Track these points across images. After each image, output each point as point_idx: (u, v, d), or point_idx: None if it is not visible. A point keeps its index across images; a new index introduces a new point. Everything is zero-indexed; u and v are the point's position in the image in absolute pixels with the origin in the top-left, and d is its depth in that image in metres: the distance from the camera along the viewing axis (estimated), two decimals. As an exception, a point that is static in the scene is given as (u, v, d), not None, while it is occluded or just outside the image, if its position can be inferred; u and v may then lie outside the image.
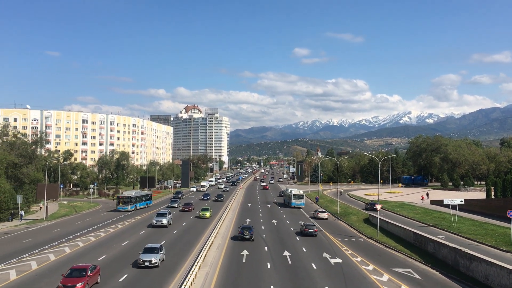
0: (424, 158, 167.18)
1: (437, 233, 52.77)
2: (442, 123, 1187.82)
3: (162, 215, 60.19)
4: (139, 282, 31.55)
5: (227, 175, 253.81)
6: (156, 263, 35.05)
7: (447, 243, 39.93)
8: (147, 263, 34.85)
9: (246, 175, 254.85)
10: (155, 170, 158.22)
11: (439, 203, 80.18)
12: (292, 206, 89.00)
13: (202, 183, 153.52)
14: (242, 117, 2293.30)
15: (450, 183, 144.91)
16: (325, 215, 73.51)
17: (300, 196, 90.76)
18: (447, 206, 61.89)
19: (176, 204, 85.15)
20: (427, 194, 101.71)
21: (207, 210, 70.50)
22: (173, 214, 69.12)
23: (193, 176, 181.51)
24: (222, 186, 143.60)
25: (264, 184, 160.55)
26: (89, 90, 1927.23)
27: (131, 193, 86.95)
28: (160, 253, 36.36)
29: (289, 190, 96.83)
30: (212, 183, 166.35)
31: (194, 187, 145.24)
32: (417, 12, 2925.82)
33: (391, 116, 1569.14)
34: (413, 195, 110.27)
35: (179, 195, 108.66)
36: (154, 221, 58.31)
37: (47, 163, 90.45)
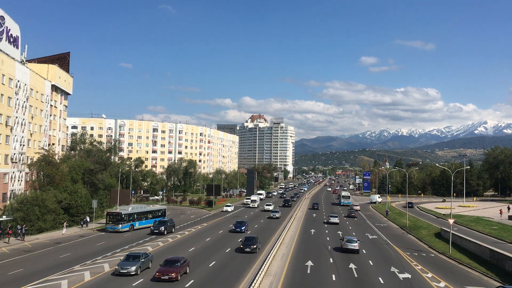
0: (501, 170, 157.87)
1: (516, 251, 49.27)
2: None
3: None
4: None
5: (290, 185, 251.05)
6: None
7: (528, 262, 37.13)
8: None
9: (305, 188, 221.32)
10: (221, 178, 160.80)
11: (519, 218, 75.09)
12: (342, 204, 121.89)
13: (253, 197, 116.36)
14: (308, 126, 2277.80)
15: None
16: (358, 207, 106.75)
17: (347, 197, 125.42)
18: (528, 222, 57.84)
19: (134, 268, 34.75)
20: (508, 208, 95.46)
21: None
22: None
23: (258, 185, 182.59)
24: (270, 208, 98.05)
25: (331, 189, 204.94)
26: (159, 100, 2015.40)
27: (127, 208, 67.12)
28: None
29: (341, 192, 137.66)
30: (262, 197, 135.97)
31: (229, 205, 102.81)
32: (493, 16, 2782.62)
33: (465, 126, 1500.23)
34: (489, 210, 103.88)
35: (163, 228, 60.34)
36: None
37: (120, 170, 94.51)
